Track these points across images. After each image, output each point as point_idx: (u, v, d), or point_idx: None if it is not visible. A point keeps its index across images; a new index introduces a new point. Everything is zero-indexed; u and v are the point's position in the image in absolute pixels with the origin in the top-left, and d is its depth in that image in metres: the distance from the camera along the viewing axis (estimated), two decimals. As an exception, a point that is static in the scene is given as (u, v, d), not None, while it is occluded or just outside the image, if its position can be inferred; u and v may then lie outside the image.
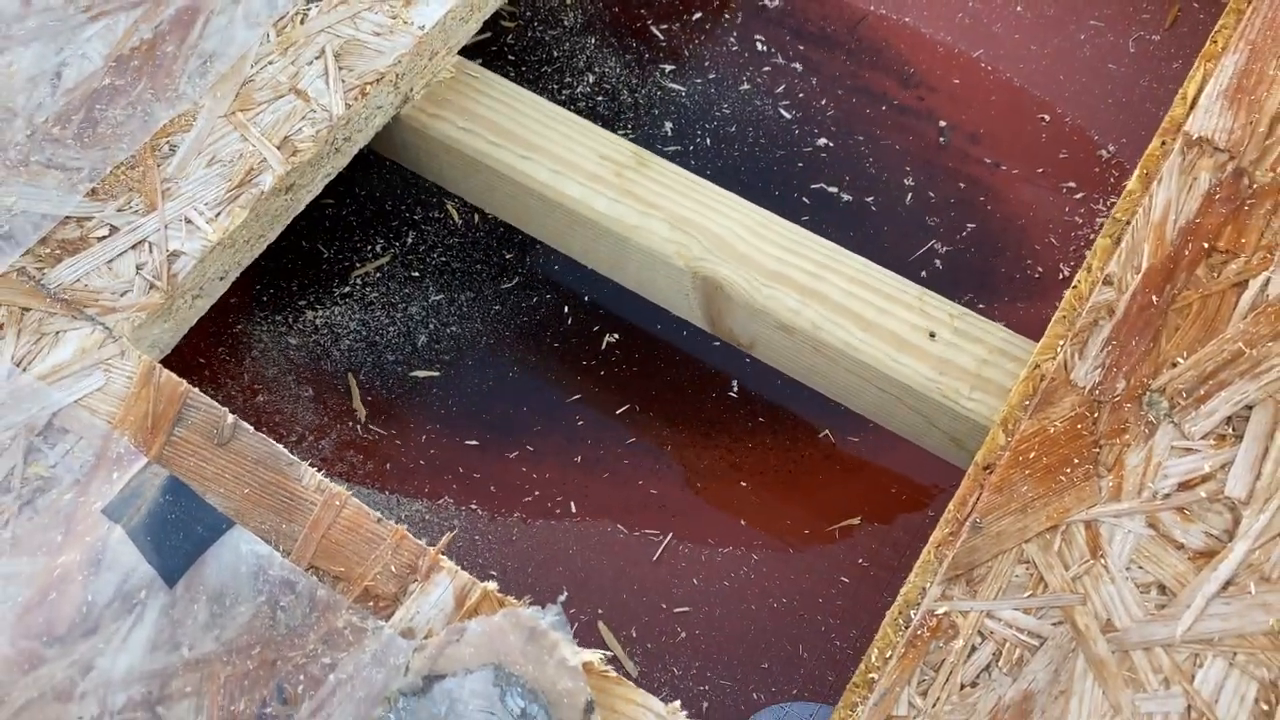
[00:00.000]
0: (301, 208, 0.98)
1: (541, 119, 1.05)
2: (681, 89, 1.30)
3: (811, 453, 1.12)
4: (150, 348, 0.90)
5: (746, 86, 1.27)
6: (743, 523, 1.08)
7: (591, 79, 1.34)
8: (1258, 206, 0.89)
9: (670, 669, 1.00)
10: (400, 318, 1.20)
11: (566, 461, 1.12)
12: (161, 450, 0.81)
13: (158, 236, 0.91)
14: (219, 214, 0.92)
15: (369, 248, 1.25)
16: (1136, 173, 0.93)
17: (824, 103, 1.27)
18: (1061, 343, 0.86)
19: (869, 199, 1.22)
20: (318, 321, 1.20)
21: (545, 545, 1.06)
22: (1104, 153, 1.28)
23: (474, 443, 1.13)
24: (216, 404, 0.83)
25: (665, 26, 1.32)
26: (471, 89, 1.07)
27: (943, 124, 1.31)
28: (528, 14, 1.39)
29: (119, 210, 0.93)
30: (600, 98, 1.33)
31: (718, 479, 1.11)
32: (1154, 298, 0.87)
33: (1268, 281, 0.86)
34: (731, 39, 1.33)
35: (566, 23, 1.39)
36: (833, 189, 1.23)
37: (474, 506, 1.09)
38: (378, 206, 1.27)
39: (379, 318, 1.20)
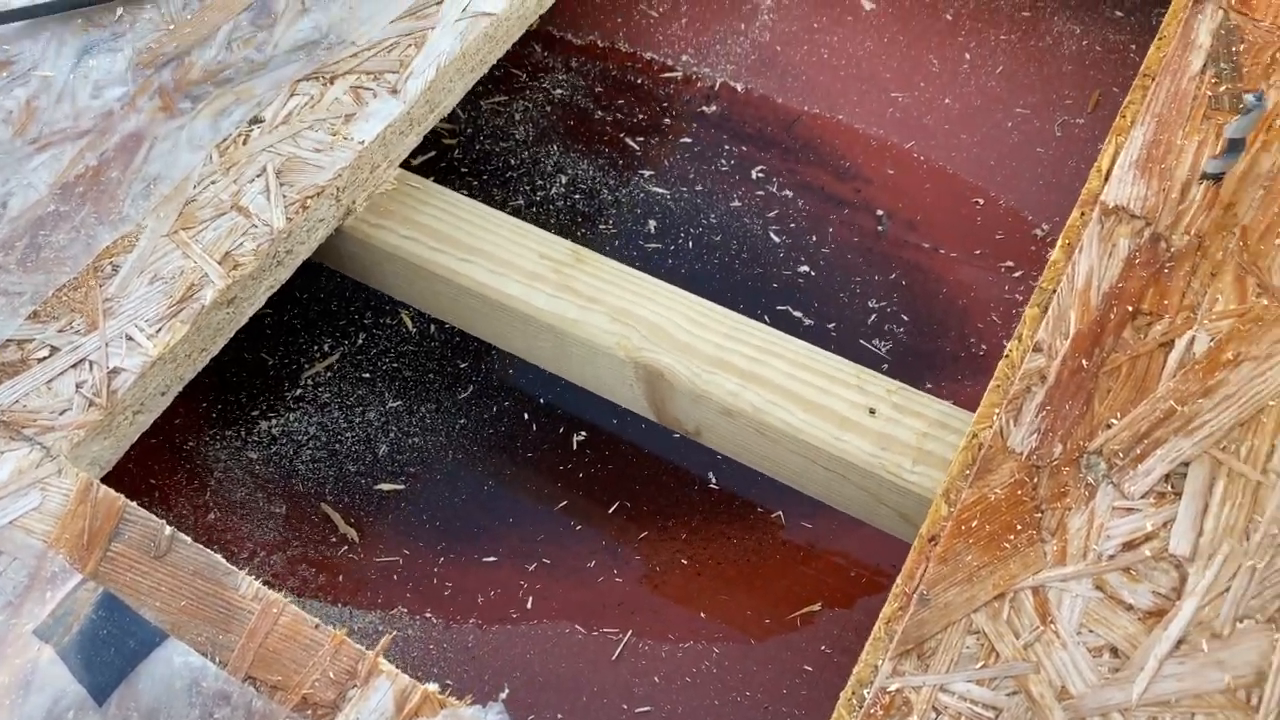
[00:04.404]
0: (245, 320, 0.99)
1: (481, 222, 1.07)
2: (665, 192, 1.33)
3: (769, 540, 1.11)
4: (90, 465, 0.90)
5: (738, 203, 1.30)
6: (703, 615, 1.06)
7: (564, 180, 1.36)
8: (1177, 268, 0.92)
9: (634, 771, 0.97)
10: (359, 423, 1.20)
11: (520, 564, 1.11)
12: (98, 566, 0.80)
13: (98, 354, 0.92)
14: (160, 329, 0.93)
15: (316, 349, 1.25)
16: (1059, 243, 0.95)
17: (813, 238, 1.29)
18: (997, 411, 0.86)
19: (830, 325, 1.25)
20: (274, 431, 1.20)
21: (501, 651, 1.04)
22: (1038, 232, 1.32)
23: (433, 552, 1.12)
24: (154, 517, 0.82)
25: (642, 139, 1.35)
26: (413, 199, 1.09)
27: (880, 213, 1.34)
28: (469, 130, 1.43)
29: (60, 331, 0.93)
30: (578, 196, 1.35)
31: (676, 572, 1.09)
32: (1084, 362, 0.88)
33: (1193, 340, 0.88)
34: (721, 160, 1.36)
35: (518, 136, 1.43)
36: (798, 313, 1.25)
37: (428, 615, 1.07)
38: (322, 308, 1.28)
39: (337, 420, 1.20)
